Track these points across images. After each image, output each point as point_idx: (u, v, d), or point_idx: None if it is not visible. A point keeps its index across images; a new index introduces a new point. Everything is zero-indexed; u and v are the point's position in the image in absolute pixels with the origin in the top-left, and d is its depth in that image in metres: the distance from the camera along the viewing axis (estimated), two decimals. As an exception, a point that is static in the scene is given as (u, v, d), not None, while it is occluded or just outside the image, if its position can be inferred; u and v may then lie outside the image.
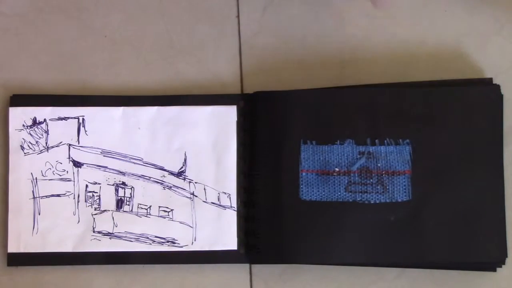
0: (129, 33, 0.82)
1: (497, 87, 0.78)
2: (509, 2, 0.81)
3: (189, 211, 0.79)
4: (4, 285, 0.79)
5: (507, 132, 0.78)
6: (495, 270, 0.77)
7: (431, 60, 0.81)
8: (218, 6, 0.82)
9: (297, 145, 0.78)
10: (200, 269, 0.79)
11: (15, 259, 0.79)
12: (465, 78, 0.80)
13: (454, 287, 0.78)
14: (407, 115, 0.77)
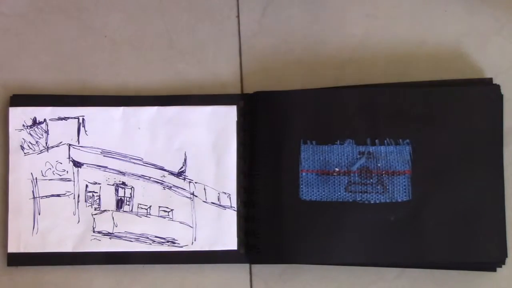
0: (129, 33, 0.82)
1: (497, 87, 0.78)
2: (509, 2, 0.81)
3: (189, 211, 0.79)
4: (4, 285, 0.79)
5: (507, 132, 0.78)
6: (495, 270, 0.77)
7: (431, 60, 0.81)
8: (218, 6, 0.82)
9: (297, 145, 0.78)
10: (200, 269, 0.79)
11: (15, 259, 0.79)
12: (465, 78, 0.80)
13: (454, 287, 0.78)
14: (407, 115, 0.77)
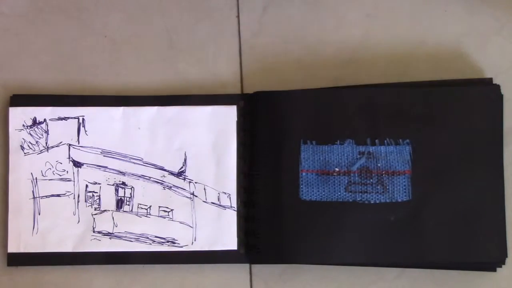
0: (129, 33, 0.82)
1: (497, 87, 0.78)
2: (509, 2, 0.81)
3: (189, 211, 0.79)
4: (4, 285, 0.79)
5: (507, 132, 0.78)
6: (495, 270, 0.77)
7: (431, 60, 0.81)
8: (218, 6, 0.82)
9: (297, 145, 0.78)
10: (200, 269, 0.79)
11: (15, 259, 0.79)
12: (465, 78, 0.80)
13: (454, 287, 0.78)
14: (407, 115, 0.77)
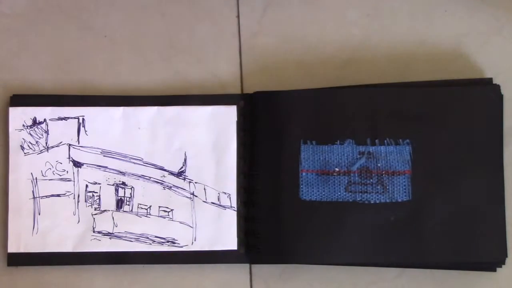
0: (129, 33, 0.82)
1: (497, 87, 0.78)
2: (509, 2, 0.81)
3: (189, 211, 0.79)
4: (4, 285, 0.79)
5: (507, 132, 0.78)
6: (495, 270, 0.77)
7: (431, 60, 0.81)
8: (218, 6, 0.82)
9: (297, 145, 0.78)
10: (200, 269, 0.79)
11: (15, 259, 0.79)
12: (465, 78, 0.80)
13: (454, 287, 0.78)
14: (407, 115, 0.77)
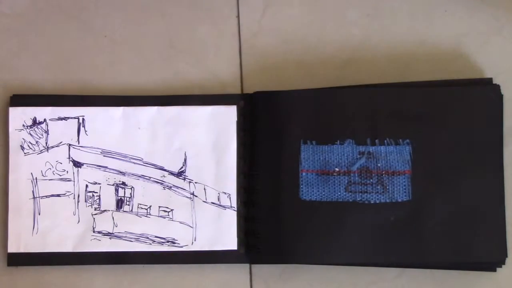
0: (129, 33, 0.82)
1: (497, 87, 0.78)
2: (509, 2, 0.81)
3: (189, 211, 0.79)
4: (4, 285, 0.79)
5: (507, 132, 0.78)
6: (495, 270, 0.77)
7: (431, 60, 0.81)
8: (218, 6, 0.82)
9: (297, 145, 0.78)
10: (200, 269, 0.79)
11: (15, 259, 0.79)
12: (465, 78, 0.80)
13: (454, 287, 0.78)
14: (407, 115, 0.77)
